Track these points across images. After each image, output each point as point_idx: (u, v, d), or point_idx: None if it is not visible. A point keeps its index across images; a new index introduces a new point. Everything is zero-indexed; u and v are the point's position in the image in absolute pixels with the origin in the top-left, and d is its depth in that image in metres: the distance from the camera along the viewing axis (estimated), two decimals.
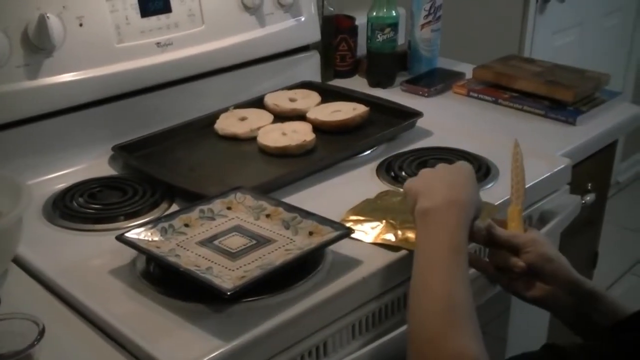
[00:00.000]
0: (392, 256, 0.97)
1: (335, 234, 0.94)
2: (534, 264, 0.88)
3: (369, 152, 1.30)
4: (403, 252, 0.97)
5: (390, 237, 0.99)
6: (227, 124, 1.35)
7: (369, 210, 1.06)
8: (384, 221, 1.02)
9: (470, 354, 0.68)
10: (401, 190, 1.08)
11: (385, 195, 1.11)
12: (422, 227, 0.83)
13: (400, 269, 0.96)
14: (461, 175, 0.89)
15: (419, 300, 0.76)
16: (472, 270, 0.95)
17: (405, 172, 1.19)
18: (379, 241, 0.99)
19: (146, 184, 1.15)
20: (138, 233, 0.94)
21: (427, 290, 0.75)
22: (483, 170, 1.19)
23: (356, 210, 1.06)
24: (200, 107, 1.39)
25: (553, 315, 0.93)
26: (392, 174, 1.20)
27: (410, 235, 0.97)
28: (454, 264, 0.77)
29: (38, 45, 1.15)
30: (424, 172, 0.93)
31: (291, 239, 0.95)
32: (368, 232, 1.01)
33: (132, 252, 0.95)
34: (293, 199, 1.10)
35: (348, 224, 1.00)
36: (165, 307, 0.86)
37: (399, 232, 0.99)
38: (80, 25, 1.21)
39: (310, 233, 0.96)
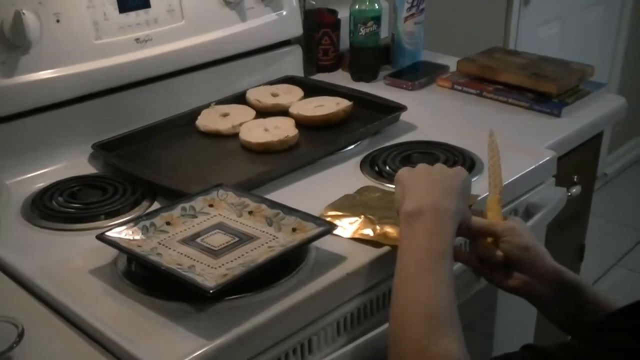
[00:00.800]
0: (375, 252, 0.95)
1: (318, 230, 0.93)
2: (511, 253, 0.87)
3: (352, 147, 1.28)
4: (386, 248, 0.96)
5: (369, 232, 0.97)
6: (209, 120, 1.34)
7: (348, 205, 1.03)
8: (362, 216, 0.99)
9: (453, 358, 0.67)
10: (385, 185, 1.09)
11: (365, 191, 1.08)
12: (407, 229, 0.81)
13: (383, 266, 0.94)
14: (457, 181, 0.87)
15: (401, 304, 0.75)
16: (457, 265, 0.93)
17: (390, 167, 1.17)
18: (356, 236, 0.97)
19: (127, 182, 1.14)
20: (119, 232, 0.92)
21: (410, 294, 0.74)
22: (467, 164, 1.17)
23: (335, 206, 1.04)
24: (181, 103, 1.37)
25: (539, 311, 0.92)
26: (376, 168, 1.18)
27: (389, 230, 0.95)
28: (438, 269, 0.76)
29: (14, 42, 1.13)
30: (421, 168, 0.91)
31: (274, 236, 0.94)
32: (346, 227, 0.98)
33: (113, 252, 0.93)
34: (276, 196, 1.08)
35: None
36: (147, 306, 0.85)
37: (377, 227, 0.97)
38: (57, 21, 1.19)
39: (294, 229, 0.94)
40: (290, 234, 0.94)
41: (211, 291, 0.80)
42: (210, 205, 1.01)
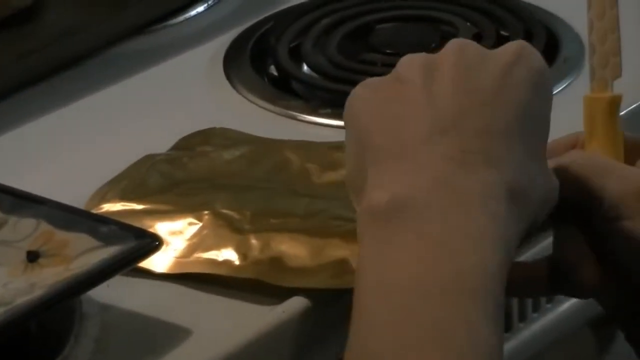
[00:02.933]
0: (260, 315, 0.69)
1: (111, 252, 0.68)
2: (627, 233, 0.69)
3: (202, 8, 1.00)
4: (300, 303, 0.70)
5: (226, 254, 0.75)
6: None
7: (158, 185, 0.82)
8: (205, 214, 0.77)
9: None
10: (303, 118, 0.90)
11: (205, 140, 0.88)
12: (388, 241, 0.63)
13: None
14: (525, 86, 0.63)
15: None
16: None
17: (312, 63, 0.90)
18: (188, 269, 0.74)
19: None
20: None
21: None
22: (538, 46, 0.88)
23: (120, 188, 0.81)
24: None
25: None
26: (273, 69, 0.92)
27: (286, 247, 0.75)
28: (466, 333, 0.60)
29: None
30: (415, 62, 0.64)
31: None
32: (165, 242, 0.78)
33: None
34: None
35: None
36: None
37: (253, 242, 0.75)
38: None
39: (33, 256, 0.70)
40: (21, 270, 0.71)
41: None
42: None
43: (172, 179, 0.80)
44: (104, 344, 0.66)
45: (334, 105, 0.81)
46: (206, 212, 0.75)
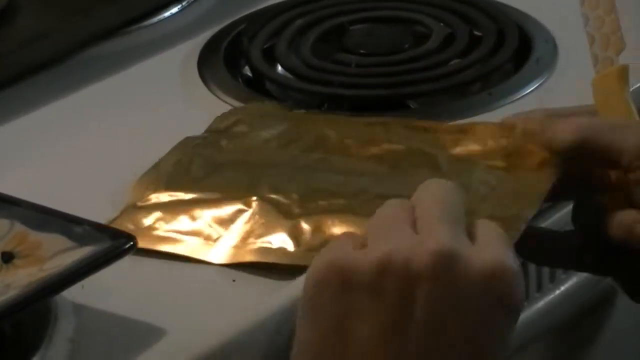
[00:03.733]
0: None
1: (83, 252, 0.66)
2: None
3: (175, 10, 1.00)
4: (279, 301, 0.70)
5: (279, 240, 0.74)
6: None
7: (202, 171, 0.80)
8: (253, 200, 0.75)
9: None
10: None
11: (238, 123, 0.85)
12: None
13: None
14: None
15: None
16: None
17: (285, 66, 0.89)
18: (244, 258, 0.73)
19: None
20: None
21: None
22: (509, 47, 0.90)
23: (166, 176, 0.80)
24: None
25: None
26: (247, 70, 0.91)
27: (338, 231, 0.74)
28: None
29: None
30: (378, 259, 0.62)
31: None
32: (207, 232, 0.76)
33: None
34: None
35: (148, 218, 0.74)
36: None
37: (304, 225, 0.74)
38: None
39: (8, 257, 0.69)
40: None
41: None
42: None
43: (214, 163, 0.80)
44: (78, 344, 0.67)
45: (308, 106, 0.82)
46: (254, 197, 0.75)
